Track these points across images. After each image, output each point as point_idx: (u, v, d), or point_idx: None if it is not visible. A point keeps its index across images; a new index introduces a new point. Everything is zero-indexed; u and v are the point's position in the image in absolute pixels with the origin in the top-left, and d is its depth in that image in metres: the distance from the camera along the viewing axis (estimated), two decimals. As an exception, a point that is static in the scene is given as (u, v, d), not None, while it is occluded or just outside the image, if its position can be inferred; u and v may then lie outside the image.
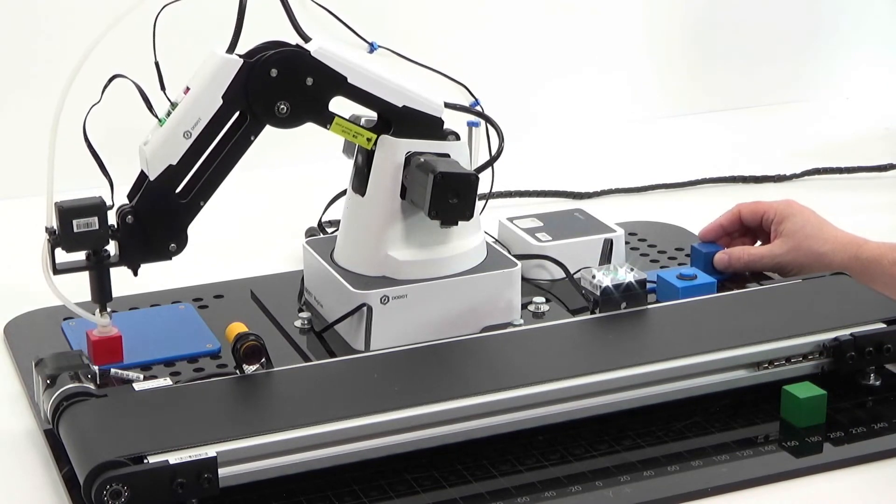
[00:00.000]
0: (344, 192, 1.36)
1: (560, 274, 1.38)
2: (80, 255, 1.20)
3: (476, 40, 1.95)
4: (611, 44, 2.06)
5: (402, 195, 1.24)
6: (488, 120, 1.36)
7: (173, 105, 1.19)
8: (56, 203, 1.17)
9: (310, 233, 1.52)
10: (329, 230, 1.53)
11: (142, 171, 1.21)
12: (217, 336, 1.27)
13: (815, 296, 1.25)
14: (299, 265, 1.37)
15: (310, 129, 1.38)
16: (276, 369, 1.11)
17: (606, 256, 1.37)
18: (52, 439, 1.09)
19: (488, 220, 1.41)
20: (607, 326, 1.19)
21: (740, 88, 2.14)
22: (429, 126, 1.24)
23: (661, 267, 1.45)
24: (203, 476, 0.98)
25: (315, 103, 1.21)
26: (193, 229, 1.23)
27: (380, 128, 1.24)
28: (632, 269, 1.23)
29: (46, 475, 1.08)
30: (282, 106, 1.19)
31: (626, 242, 1.46)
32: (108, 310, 1.22)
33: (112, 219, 1.19)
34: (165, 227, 1.21)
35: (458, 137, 1.26)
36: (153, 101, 1.20)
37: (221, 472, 0.99)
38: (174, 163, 1.19)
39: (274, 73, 1.18)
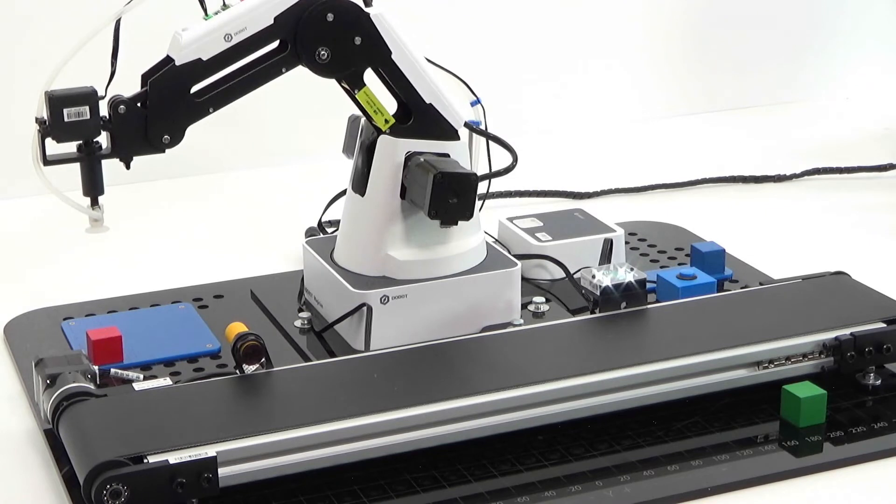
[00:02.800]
0: (344, 192, 1.36)
1: (560, 274, 1.38)
2: (71, 147, 1.19)
3: (476, 39, 1.95)
4: (611, 44, 2.06)
5: (402, 195, 1.24)
6: (503, 144, 1.36)
7: (225, 6, 1.19)
8: (46, 92, 1.15)
9: (310, 233, 1.52)
10: (329, 230, 1.53)
11: (166, 58, 1.19)
12: (217, 336, 1.27)
13: (815, 296, 1.25)
14: (299, 265, 1.37)
15: (310, 128, 1.38)
16: (276, 369, 1.11)
17: (606, 256, 1.37)
18: (52, 439, 1.09)
19: (488, 220, 1.41)
20: (607, 326, 1.19)
21: (740, 88, 2.14)
22: (443, 132, 1.25)
23: (661, 267, 1.45)
24: (203, 476, 0.98)
25: (354, 64, 1.21)
26: (193, 230, 1.23)
27: (398, 117, 1.24)
28: (632, 269, 1.23)
29: (46, 475, 1.08)
30: (323, 52, 1.19)
31: (626, 242, 1.46)
32: (100, 204, 1.21)
33: (103, 110, 1.18)
34: (168, 117, 1.19)
35: (458, 137, 1.26)
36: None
37: (221, 471, 0.99)
38: (205, 58, 1.18)
39: (330, 17, 1.19)
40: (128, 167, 1.21)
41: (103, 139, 1.19)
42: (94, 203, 1.21)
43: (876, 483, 1.06)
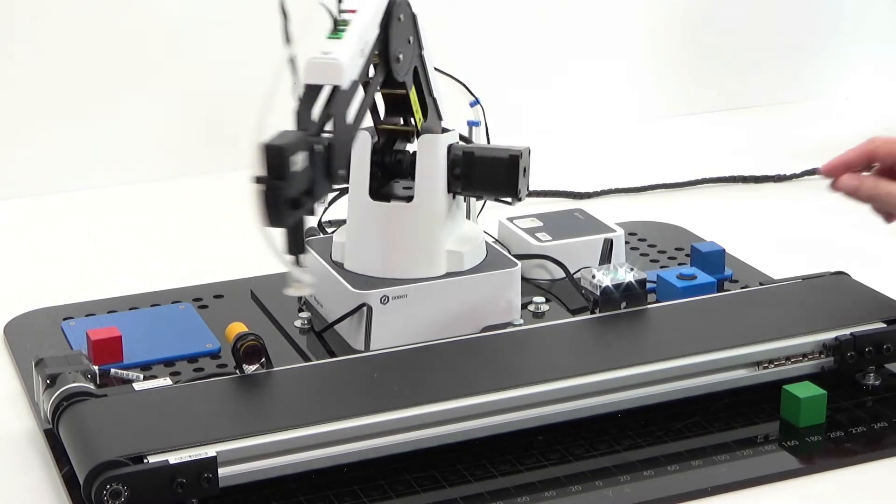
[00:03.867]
0: (343, 193, 1.36)
1: (560, 274, 1.38)
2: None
3: (475, 40, 1.95)
4: (611, 43, 2.06)
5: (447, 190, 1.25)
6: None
7: (339, 22, 1.14)
8: (267, 144, 1.02)
9: (310, 233, 1.51)
10: (329, 230, 1.53)
11: (317, 86, 1.10)
12: (217, 336, 1.27)
13: (815, 296, 1.25)
14: (299, 265, 1.37)
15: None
16: (276, 369, 1.11)
17: (606, 256, 1.37)
18: (52, 439, 1.09)
19: (488, 220, 1.41)
20: (607, 326, 1.19)
21: (740, 88, 2.14)
22: (438, 125, 1.27)
23: (661, 267, 1.45)
24: (203, 476, 0.98)
25: (411, 63, 1.22)
26: (193, 229, 1.23)
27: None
28: (632, 269, 1.23)
29: (46, 475, 1.08)
30: (399, 54, 1.19)
31: (626, 242, 1.46)
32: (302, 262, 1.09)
33: None
34: (346, 148, 1.11)
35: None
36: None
37: (221, 471, 0.99)
38: (356, 77, 1.12)
39: (401, 17, 1.19)
40: (313, 213, 1.09)
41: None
42: (297, 262, 1.09)
43: (876, 483, 1.06)
